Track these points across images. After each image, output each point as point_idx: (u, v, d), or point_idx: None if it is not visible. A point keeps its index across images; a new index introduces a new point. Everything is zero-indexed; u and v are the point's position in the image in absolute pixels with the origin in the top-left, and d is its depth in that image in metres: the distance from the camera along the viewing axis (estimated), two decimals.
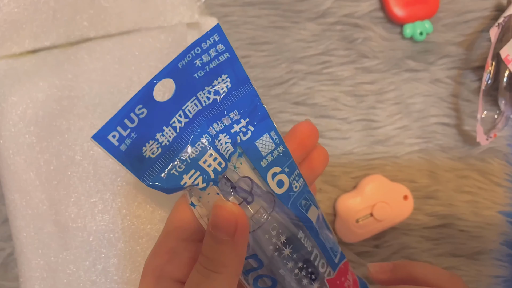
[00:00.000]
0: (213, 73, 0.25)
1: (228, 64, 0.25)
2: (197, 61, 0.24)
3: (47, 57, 0.42)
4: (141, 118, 0.23)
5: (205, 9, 0.46)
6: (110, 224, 0.41)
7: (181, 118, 0.25)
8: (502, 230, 0.50)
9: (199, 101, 0.25)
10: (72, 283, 0.40)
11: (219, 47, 0.25)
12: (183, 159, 0.25)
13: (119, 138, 0.23)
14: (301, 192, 0.29)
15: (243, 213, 0.26)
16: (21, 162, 0.41)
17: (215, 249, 0.25)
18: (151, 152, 0.24)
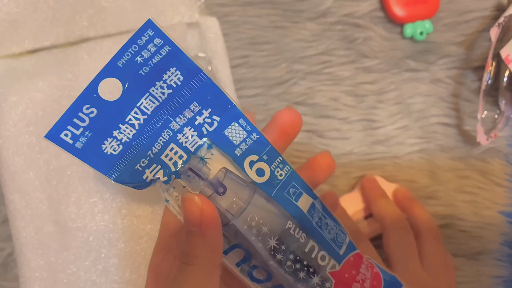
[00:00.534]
0: (159, 68, 0.25)
1: (172, 57, 0.25)
2: (138, 58, 0.24)
3: (46, 57, 0.42)
4: (91, 117, 0.24)
5: (205, 8, 0.46)
6: (110, 224, 0.41)
7: (137, 115, 0.25)
8: (502, 230, 0.50)
9: (154, 97, 0.25)
10: (72, 283, 0.40)
11: (156, 41, 0.24)
12: (146, 155, 0.26)
13: (72, 136, 0.23)
14: (288, 180, 0.28)
15: (208, 203, 0.25)
16: (20, 162, 0.41)
17: (187, 242, 0.25)
18: (112, 149, 0.25)
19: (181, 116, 0.26)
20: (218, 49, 0.44)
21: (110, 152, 0.25)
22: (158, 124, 0.26)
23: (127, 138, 0.25)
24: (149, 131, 0.26)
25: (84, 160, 0.24)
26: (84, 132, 0.24)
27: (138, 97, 0.25)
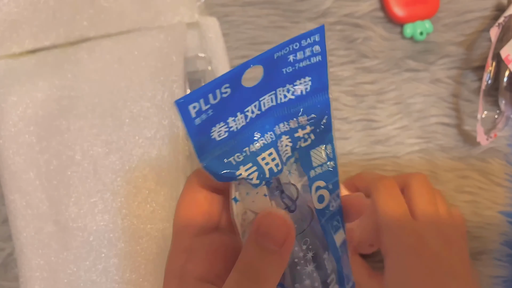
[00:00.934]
0: (300, 72, 0.24)
1: (316, 68, 0.25)
2: (291, 56, 0.24)
3: (47, 57, 0.42)
4: (223, 97, 0.23)
5: (205, 9, 0.46)
6: (110, 224, 0.41)
7: (255, 108, 0.24)
8: (502, 230, 0.50)
9: (276, 97, 0.25)
10: (73, 283, 0.40)
11: (315, 48, 0.24)
12: (242, 150, 0.25)
13: (198, 110, 0.22)
14: (335, 213, 0.28)
15: (293, 224, 0.24)
16: (21, 162, 0.41)
17: (261, 259, 0.23)
18: (218, 134, 0.24)
19: (285, 123, 0.26)
20: (218, 49, 0.45)
21: (214, 137, 0.24)
22: (266, 124, 0.25)
23: (236, 128, 0.24)
24: (255, 127, 0.25)
25: (192, 136, 0.23)
26: (208, 110, 0.22)
27: (265, 91, 0.24)
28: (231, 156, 0.24)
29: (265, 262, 0.23)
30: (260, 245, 0.23)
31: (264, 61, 0.23)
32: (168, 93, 0.42)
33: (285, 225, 0.24)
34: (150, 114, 0.42)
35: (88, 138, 0.41)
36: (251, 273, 0.23)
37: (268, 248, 0.23)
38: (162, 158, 0.42)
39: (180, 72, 0.42)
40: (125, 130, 0.41)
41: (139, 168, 0.41)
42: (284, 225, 0.24)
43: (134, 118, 0.42)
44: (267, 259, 0.23)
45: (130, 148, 0.41)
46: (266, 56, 0.23)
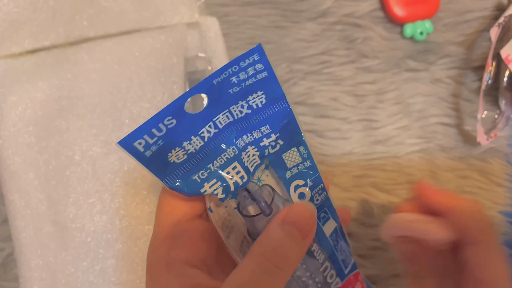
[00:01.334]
0: (248, 90, 0.25)
1: (265, 82, 0.26)
2: (234, 78, 0.24)
3: (46, 57, 0.42)
4: (169, 128, 0.24)
5: (205, 8, 0.46)
6: (108, 224, 0.41)
7: (210, 128, 0.25)
8: (502, 230, 0.50)
9: (231, 114, 0.26)
10: (71, 283, 0.40)
11: (258, 66, 0.25)
12: (206, 167, 0.26)
13: (145, 145, 0.23)
14: (322, 205, 0.29)
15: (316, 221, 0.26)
16: (20, 162, 0.41)
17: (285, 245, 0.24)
18: (176, 157, 0.25)
19: (248, 135, 0.27)
20: (218, 49, 0.45)
21: (173, 161, 0.25)
22: (226, 139, 0.26)
23: (194, 149, 0.25)
24: (215, 144, 0.26)
25: (146, 166, 0.24)
26: (157, 142, 0.24)
27: (217, 112, 0.25)
28: (195, 174, 0.25)
29: (289, 248, 0.24)
30: (286, 231, 0.24)
31: (203, 88, 0.24)
32: (168, 94, 0.42)
33: (313, 219, 0.25)
34: (149, 115, 0.41)
35: (87, 139, 0.41)
36: (275, 257, 0.24)
37: (294, 236, 0.24)
38: None
39: (180, 73, 0.42)
40: (125, 131, 0.41)
41: (137, 169, 0.41)
42: (312, 218, 0.25)
43: (134, 119, 0.41)
44: (291, 246, 0.24)
45: None
46: (204, 84, 0.24)
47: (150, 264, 0.27)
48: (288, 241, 0.24)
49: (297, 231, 0.24)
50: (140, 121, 0.41)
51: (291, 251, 0.24)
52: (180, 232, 0.27)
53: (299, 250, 0.25)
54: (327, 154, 0.47)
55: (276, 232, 0.24)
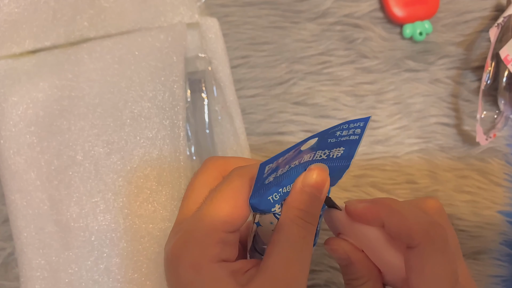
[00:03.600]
0: (338, 143, 0.30)
1: (351, 143, 0.30)
2: (338, 132, 0.29)
3: (47, 57, 0.42)
4: (286, 158, 0.28)
5: (205, 9, 0.46)
6: (112, 223, 0.41)
7: (297, 162, 0.29)
8: (501, 230, 0.50)
9: (314, 156, 0.30)
10: (74, 282, 0.40)
11: (356, 131, 0.29)
12: (279, 191, 0.29)
13: (269, 169, 0.27)
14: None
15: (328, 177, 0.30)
16: (21, 162, 0.41)
17: (312, 204, 0.29)
18: (268, 180, 0.28)
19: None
20: (218, 49, 0.45)
21: (266, 182, 0.28)
22: (300, 171, 0.30)
23: (279, 174, 0.29)
24: (290, 174, 0.30)
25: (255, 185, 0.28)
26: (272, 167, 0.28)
27: (309, 152, 0.29)
28: (271, 194, 0.29)
29: (315, 206, 0.29)
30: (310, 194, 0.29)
31: (321, 134, 0.28)
32: (169, 93, 0.42)
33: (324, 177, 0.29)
34: (151, 114, 0.42)
35: (89, 139, 0.41)
36: (307, 216, 0.29)
37: (313, 195, 0.29)
38: (163, 158, 0.42)
39: (181, 72, 0.43)
40: (126, 130, 0.41)
41: (140, 168, 0.41)
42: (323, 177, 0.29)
43: (135, 118, 0.42)
44: (315, 204, 0.29)
45: (131, 148, 0.41)
46: (325, 131, 0.28)
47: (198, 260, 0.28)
48: (309, 200, 0.29)
49: (314, 189, 0.29)
50: (141, 121, 0.42)
51: (313, 207, 0.29)
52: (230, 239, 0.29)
53: (318, 204, 0.30)
54: None
55: (302, 197, 0.29)
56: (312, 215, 0.29)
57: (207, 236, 0.28)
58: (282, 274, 0.27)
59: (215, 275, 0.27)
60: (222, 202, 0.29)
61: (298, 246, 0.28)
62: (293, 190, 0.29)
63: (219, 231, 0.28)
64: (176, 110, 0.42)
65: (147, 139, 0.42)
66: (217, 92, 0.45)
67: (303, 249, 0.29)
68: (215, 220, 0.28)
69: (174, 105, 0.42)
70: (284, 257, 0.28)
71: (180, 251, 0.28)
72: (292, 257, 0.28)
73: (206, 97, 0.45)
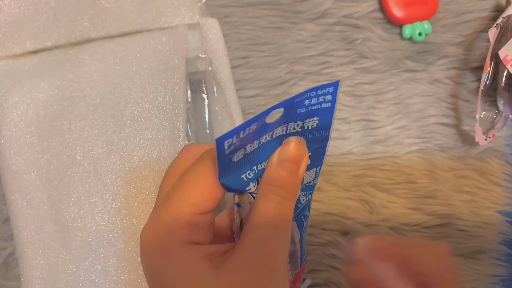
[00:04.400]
0: (310, 113, 0.28)
1: (324, 111, 0.29)
2: (307, 101, 0.28)
3: (48, 57, 0.42)
4: (249, 132, 0.26)
5: (206, 10, 0.46)
6: (109, 224, 0.41)
7: (268, 136, 0.28)
8: (501, 230, 0.50)
9: (287, 129, 0.29)
10: (72, 283, 0.41)
11: (327, 97, 0.28)
12: (253, 169, 0.28)
13: (230, 144, 0.26)
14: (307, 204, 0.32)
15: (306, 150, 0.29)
16: (22, 162, 0.41)
17: (289, 180, 0.28)
18: (236, 157, 0.27)
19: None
20: (219, 50, 0.45)
21: (233, 160, 0.27)
22: (274, 147, 0.29)
23: (249, 151, 0.28)
24: (263, 150, 0.28)
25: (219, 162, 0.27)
26: (236, 142, 0.26)
27: (279, 125, 0.28)
28: (244, 173, 0.28)
29: (289, 180, 0.28)
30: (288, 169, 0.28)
31: (286, 104, 0.27)
32: (169, 95, 0.42)
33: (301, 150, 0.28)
34: (151, 116, 0.42)
35: (89, 139, 0.41)
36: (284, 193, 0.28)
37: (290, 169, 0.28)
38: (163, 159, 0.42)
39: (182, 74, 0.43)
40: (126, 131, 0.42)
41: (139, 168, 0.42)
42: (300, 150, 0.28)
43: (135, 119, 0.42)
44: (293, 180, 0.28)
45: (131, 149, 0.42)
46: (289, 101, 0.27)
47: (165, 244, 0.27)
48: (287, 175, 0.28)
49: (291, 164, 0.28)
50: (141, 122, 0.42)
51: (291, 183, 0.28)
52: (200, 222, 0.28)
53: (296, 179, 0.28)
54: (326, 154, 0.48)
55: (279, 172, 0.28)
56: (290, 191, 0.28)
57: (174, 219, 0.27)
58: (258, 252, 0.27)
59: (184, 257, 0.27)
60: (190, 184, 0.28)
61: (274, 223, 0.28)
62: (268, 166, 0.28)
63: (187, 213, 0.27)
64: (176, 111, 0.42)
65: (147, 140, 0.42)
66: (218, 92, 0.45)
67: (279, 226, 0.28)
68: (183, 203, 0.28)
69: (175, 107, 0.42)
70: (260, 235, 0.27)
71: (148, 237, 0.28)
72: (267, 235, 0.27)
73: (206, 97, 0.45)
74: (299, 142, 0.28)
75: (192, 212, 0.27)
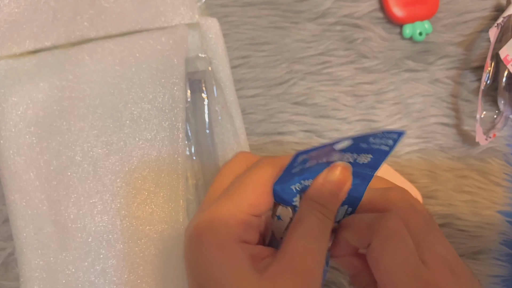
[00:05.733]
0: (368, 150, 0.30)
1: (380, 153, 0.30)
2: (372, 138, 0.29)
3: (47, 57, 0.42)
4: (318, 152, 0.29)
5: (205, 9, 0.46)
6: (109, 225, 0.41)
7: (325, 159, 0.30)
8: (501, 230, 0.50)
9: (342, 157, 0.31)
10: (71, 283, 0.41)
11: (389, 142, 0.29)
12: (301, 182, 0.30)
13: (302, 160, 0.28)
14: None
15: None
16: (21, 162, 0.41)
17: (330, 201, 0.30)
18: (294, 170, 0.29)
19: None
20: (219, 49, 0.45)
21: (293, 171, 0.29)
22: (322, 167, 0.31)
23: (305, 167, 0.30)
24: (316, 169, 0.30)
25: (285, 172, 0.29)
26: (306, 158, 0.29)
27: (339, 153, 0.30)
28: (293, 184, 0.30)
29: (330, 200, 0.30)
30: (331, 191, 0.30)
31: (356, 138, 0.29)
32: (169, 95, 0.42)
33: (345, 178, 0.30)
34: (150, 116, 0.42)
35: (88, 139, 0.41)
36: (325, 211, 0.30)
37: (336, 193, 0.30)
38: (162, 159, 0.42)
39: (181, 74, 0.43)
40: (125, 132, 0.42)
41: (138, 169, 0.42)
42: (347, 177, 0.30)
43: (135, 120, 0.42)
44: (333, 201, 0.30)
45: (130, 150, 0.42)
46: (361, 136, 0.29)
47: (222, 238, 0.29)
48: (329, 196, 0.30)
49: (334, 186, 0.30)
50: (140, 123, 0.42)
51: (332, 204, 0.30)
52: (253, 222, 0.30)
53: (336, 201, 0.30)
54: None
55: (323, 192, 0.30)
56: (330, 210, 0.30)
57: (232, 216, 0.29)
58: (299, 263, 0.28)
59: (237, 254, 0.28)
60: (250, 185, 0.30)
61: (316, 237, 0.29)
62: (314, 184, 0.30)
63: (244, 212, 0.29)
64: (176, 112, 0.42)
65: (146, 141, 0.42)
66: (217, 92, 0.45)
67: (321, 241, 0.29)
68: (242, 202, 0.30)
69: (174, 107, 0.42)
70: (302, 246, 0.29)
71: (204, 230, 0.29)
72: (310, 247, 0.29)
73: (206, 97, 0.45)
74: (345, 168, 0.30)
75: (249, 212, 0.29)
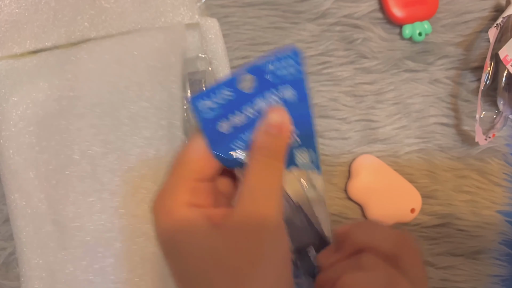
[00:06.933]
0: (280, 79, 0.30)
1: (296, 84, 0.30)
2: (270, 65, 0.29)
3: (48, 57, 0.42)
4: (229, 100, 0.29)
5: (205, 9, 0.46)
6: (107, 223, 0.41)
7: (250, 109, 0.30)
8: (500, 230, 0.50)
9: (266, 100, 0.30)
10: (70, 282, 0.41)
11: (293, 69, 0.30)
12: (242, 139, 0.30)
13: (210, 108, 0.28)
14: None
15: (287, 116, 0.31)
16: (21, 161, 0.41)
17: (274, 142, 0.30)
18: (224, 129, 0.29)
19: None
20: (218, 50, 0.45)
21: (221, 131, 0.30)
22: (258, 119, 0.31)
23: (237, 123, 0.30)
24: (252, 124, 0.30)
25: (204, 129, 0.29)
26: (215, 108, 0.29)
27: (257, 95, 0.30)
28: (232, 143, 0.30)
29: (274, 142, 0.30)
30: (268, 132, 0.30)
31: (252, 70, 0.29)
32: (166, 94, 0.42)
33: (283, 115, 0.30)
34: (148, 114, 0.42)
35: (86, 138, 0.41)
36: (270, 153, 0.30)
37: (273, 133, 0.30)
38: (160, 158, 0.42)
39: (179, 72, 0.43)
40: (124, 130, 0.42)
41: (137, 168, 0.42)
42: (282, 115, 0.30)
43: (133, 118, 0.42)
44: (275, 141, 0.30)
45: (128, 148, 0.42)
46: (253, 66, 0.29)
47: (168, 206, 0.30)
48: (271, 138, 0.30)
49: (274, 127, 0.30)
50: (138, 121, 0.42)
51: (276, 144, 0.30)
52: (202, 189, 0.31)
53: (280, 140, 0.30)
54: (326, 154, 0.48)
55: (262, 137, 0.30)
56: (276, 152, 0.30)
57: (175, 185, 0.30)
58: (250, 207, 0.29)
59: (185, 216, 0.29)
60: (187, 155, 0.30)
61: (263, 183, 0.29)
62: (254, 134, 0.30)
63: (187, 179, 0.30)
64: (174, 110, 0.42)
65: (144, 139, 0.42)
66: None
67: (268, 181, 0.30)
68: (182, 171, 0.30)
69: (172, 105, 0.42)
70: (250, 196, 0.29)
71: (155, 206, 0.30)
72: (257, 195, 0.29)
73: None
74: (279, 109, 0.30)
75: (192, 178, 0.30)
